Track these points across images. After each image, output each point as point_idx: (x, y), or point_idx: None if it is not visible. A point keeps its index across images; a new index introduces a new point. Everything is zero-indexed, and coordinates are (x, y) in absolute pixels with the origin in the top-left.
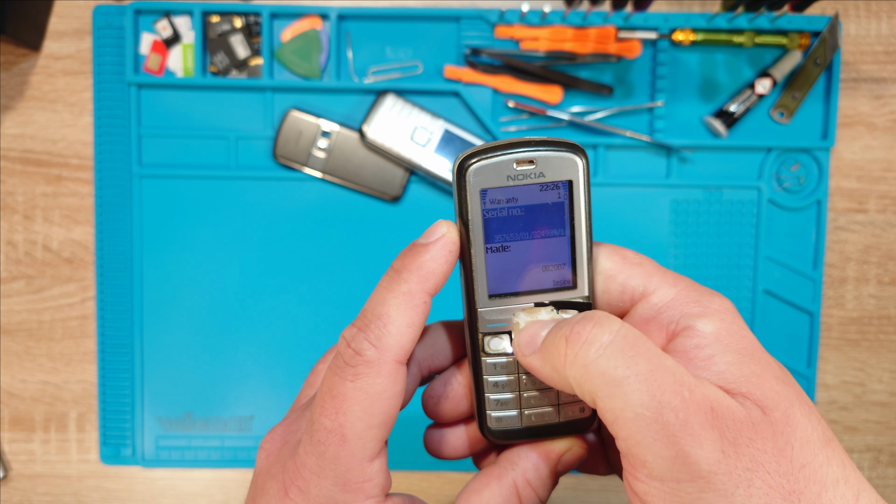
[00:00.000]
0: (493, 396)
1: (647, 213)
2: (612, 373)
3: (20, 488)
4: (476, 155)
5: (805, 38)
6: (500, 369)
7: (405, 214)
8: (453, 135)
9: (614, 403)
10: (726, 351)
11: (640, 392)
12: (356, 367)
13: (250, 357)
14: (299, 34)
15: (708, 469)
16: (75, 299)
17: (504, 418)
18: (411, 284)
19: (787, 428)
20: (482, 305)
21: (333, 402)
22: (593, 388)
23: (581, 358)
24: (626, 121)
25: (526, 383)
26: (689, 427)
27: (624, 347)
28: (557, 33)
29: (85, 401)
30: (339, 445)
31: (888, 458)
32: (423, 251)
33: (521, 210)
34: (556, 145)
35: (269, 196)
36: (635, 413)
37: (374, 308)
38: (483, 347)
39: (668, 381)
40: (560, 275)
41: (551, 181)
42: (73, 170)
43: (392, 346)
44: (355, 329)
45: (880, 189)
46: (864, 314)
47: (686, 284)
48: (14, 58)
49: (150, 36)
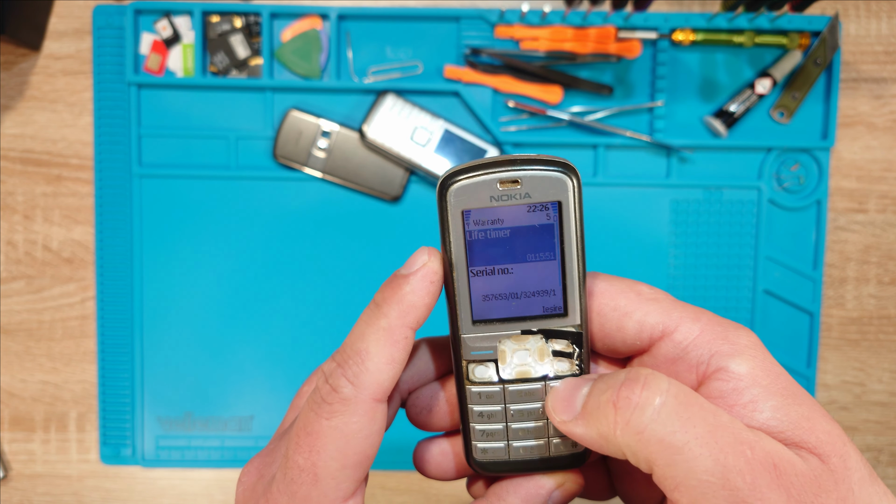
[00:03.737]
0: (478, 427)
1: (647, 213)
2: (669, 439)
3: (20, 488)
4: (457, 174)
5: (805, 38)
6: (485, 398)
7: (405, 214)
8: (453, 135)
9: (676, 471)
10: (768, 394)
11: (703, 457)
12: (332, 405)
13: (250, 357)
14: (299, 34)
15: None
16: (75, 299)
17: (490, 450)
18: (391, 319)
19: (846, 473)
20: (466, 332)
21: (308, 439)
22: (650, 456)
23: (634, 425)
24: (626, 121)
25: (514, 415)
26: (757, 491)
27: (678, 409)
28: (557, 33)
29: (85, 401)
30: (312, 485)
31: (888, 458)
32: (403, 283)
33: (506, 232)
34: (544, 164)
35: (269, 196)
36: (699, 480)
37: (354, 343)
38: (467, 375)
39: (729, 442)
40: (549, 301)
41: (538, 202)
42: (73, 170)
43: (370, 383)
44: (334, 364)
45: (880, 189)
46: (864, 314)
47: (709, 318)
48: (14, 58)
49: (150, 36)
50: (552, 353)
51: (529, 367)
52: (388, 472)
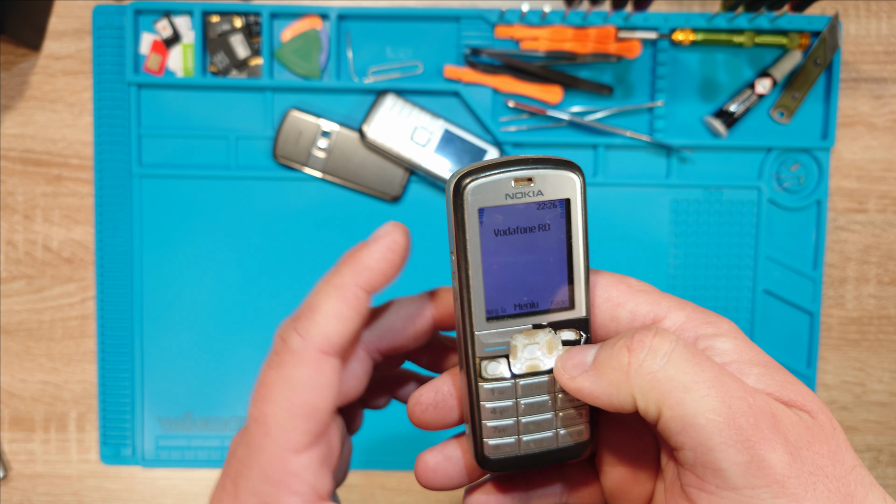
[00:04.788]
0: (490, 423)
1: (647, 213)
2: (681, 378)
3: (20, 488)
4: (473, 173)
5: (805, 38)
6: (497, 394)
7: (405, 214)
8: (453, 135)
9: (685, 409)
10: (752, 364)
11: (711, 398)
12: (281, 356)
13: (250, 357)
14: (299, 34)
15: (782, 473)
16: (75, 299)
17: (502, 445)
18: (344, 277)
19: (834, 432)
20: (480, 328)
21: (259, 390)
22: (661, 395)
23: (647, 366)
24: (626, 121)
25: (525, 409)
26: (760, 432)
27: (687, 355)
28: (557, 33)
29: (85, 401)
30: (264, 435)
31: (888, 458)
32: (361, 246)
33: (519, 229)
34: (553, 163)
35: (269, 196)
36: (707, 419)
37: (307, 299)
38: (480, 373)
39: (734, 388)
40: (558, 295)
41: (549, 199)
42: (73, 170)
43: (316, 335)
44: (289, 319)
45: (880, 189)
46: (864, 314)
47: (693, 308)
48: (14, 58)
49: (150, 36)
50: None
51: (539, 360)
52: (389, 472)
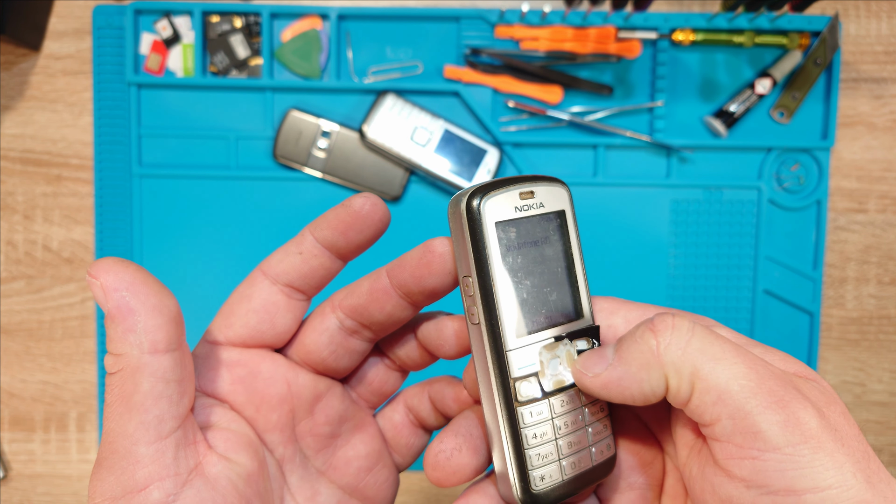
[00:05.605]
0: (533, 451)
1: (647, 213)
2: (710, 349)
3: (20, 488)
4: (480, 192)
5: (805, 38)
6: (535, 417)
7: (405, 214)
8: (453, 135)
9: (718, 377)
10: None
11: (739, 365)
12: None
13: None
14: (299, 34)
15: (816, 429)
16: (75, 299)
17: (547, 475)
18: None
19: (838, 398)
20: (512, 346)
21: None
22: (694, 367)
23: (676, 342)
24: (626, 121)
25: (560, 428)
26: (790, 392)
27: (707, 333)
28: (557, 33)
29: (85, 401)
30: None
31: (888, 458)
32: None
33: (528, 243)
34: (544, 179)
35: (269, 196)
36: (741, 384)
37: None
38: (516, 396)
39: (754, 358)
40: (569, 305)
41: (550, 211)
42: (73, 170)
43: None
44: None
45: (880, 189)
46: (864, 314)
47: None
48: (14, 58)
49: (150, 36)
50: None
51: (561, 375)
52: None
